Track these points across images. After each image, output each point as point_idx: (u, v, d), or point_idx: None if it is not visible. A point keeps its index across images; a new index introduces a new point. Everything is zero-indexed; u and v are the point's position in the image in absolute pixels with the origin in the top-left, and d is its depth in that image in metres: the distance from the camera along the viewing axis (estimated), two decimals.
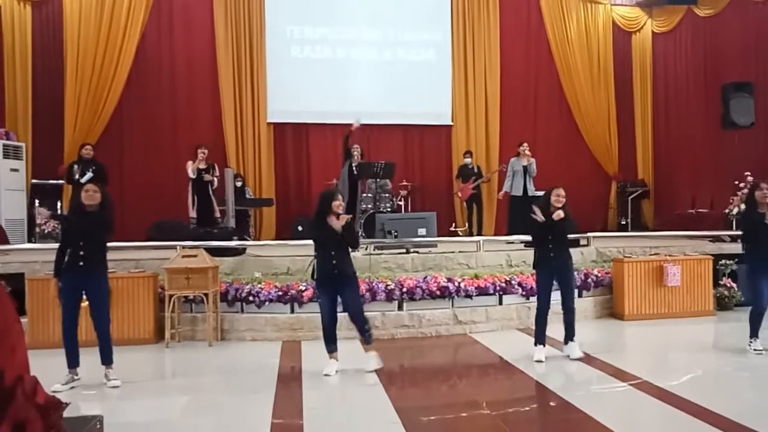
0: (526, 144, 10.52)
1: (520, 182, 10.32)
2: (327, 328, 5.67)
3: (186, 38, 12.13)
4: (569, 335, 6.06)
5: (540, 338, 6.03)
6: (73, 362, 5.27)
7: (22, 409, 1.37)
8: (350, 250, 5.86)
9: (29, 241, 10.03)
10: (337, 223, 5.52)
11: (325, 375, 5.54)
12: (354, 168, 10.02)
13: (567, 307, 6.03)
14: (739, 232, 6.49)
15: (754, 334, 6.10)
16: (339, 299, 5.68)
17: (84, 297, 5.33)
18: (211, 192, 9.27)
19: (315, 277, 5.71)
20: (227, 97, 12.07)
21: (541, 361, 5.87)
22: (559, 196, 5.98)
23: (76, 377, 5.28)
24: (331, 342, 5.69)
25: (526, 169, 10.36)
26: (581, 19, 13.53)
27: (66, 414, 1.69)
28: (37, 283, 6.74)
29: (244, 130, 12.19)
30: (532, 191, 10.42)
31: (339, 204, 5.60)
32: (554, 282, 6.05)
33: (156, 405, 5.04)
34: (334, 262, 5.56)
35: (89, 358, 5.35)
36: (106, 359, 5.34)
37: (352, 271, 5.74)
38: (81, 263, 5.23)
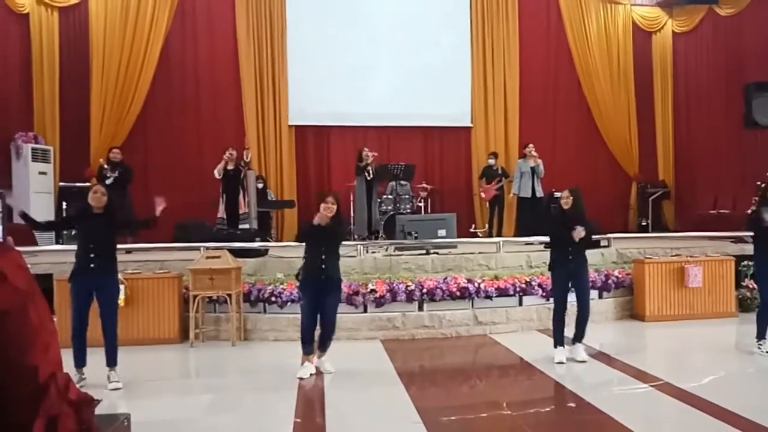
0: (531, 145, 10.52)
1: (529, 183, 10.31)
2: (307, 330, 5.66)
3: (208, 42, 12.28)
4: (578, 337, 6.05)
5: (559, 340, 6.03)
6: (80, 362, 5.32)
7: (55, 404, 1.42)
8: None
9: (57, 242, 10.19)
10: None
11: (300, 378, 5.49)
12: (368, 173, 10.03)
13: (581, 309, 6.04)
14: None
15: (761, 335, 6.08)
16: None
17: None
18: (240, 188, 9.40)
19: (300, 278, 5.74)
20: (249, 100, 12.20)
21: (562, 363, 5.87)
22: (562, 199, 6.01)
23: (83, 376, 5.33)
24: (309, 344, 5.68)
25: (534, 170, 10.35)
26: (601, 19, 13.46)
27: (95, 411, 1.75)
28: (65, 283, 6.80)
29: (265, 133, 12.31)
30: (540, 193, 10.42)
31: (326, 206, 5.64)
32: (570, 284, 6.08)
33: (181, 403, 5.14)
34: (323, 266, 5.59)
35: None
36: (111, 361, 5.38)
37: (338, 277, 5.78)
38: (92, 265, 5.28)
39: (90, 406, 1.64)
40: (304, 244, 5.80)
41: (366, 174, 10.00)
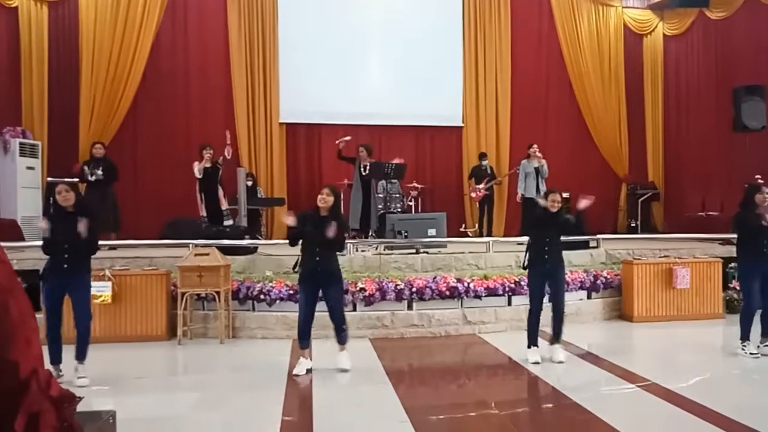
0: (536, 146, 10.50)
1: (533, 184, 10.31)
2: (303, 324, 5.66)
3: (199, 38, 12.22)
4: (555, 337, 6.05)
5: (533, 340, 6.04)
6: (56, 359, 5.31)
7: (36, 400, 1.41)
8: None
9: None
10: (289, 219, 5.62)
11: (295, 375, 5.51)
12: (363, 168, 10.00)
13: (557, 309, 6.03)
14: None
15: (745, 336, 6.12)
16: (321, 297, 5.70)
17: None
18: (218, 185, 9.33)
19: (298, 273, 5.75)
20: (240, 97, 12.15)
21: (537, 363, 5.87)
22: (554, 202, 5.99)
23: (61, 373, 5.30)
24: (304, 338, 5.69)
25: (538, 170, 10.36)
26: (592, 21, 13.52)
27: (79, 409, 1.74)
28: None
29: (256, 130, 12.27)
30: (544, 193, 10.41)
31: (321, 198, 5.63)
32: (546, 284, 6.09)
33: (168, 401, 5.12)
34: (317, 259, 5.59)
35: (100, 354, 5.41)
36: (80, 355, 5.34)
37: (336, 268, 5.76)
38: (65, 265, 5.27)
39: (72, 403, 1.62)
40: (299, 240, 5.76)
41: (362, 169, 9.97)
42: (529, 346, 6.03)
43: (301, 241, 5.73)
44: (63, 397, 1.54)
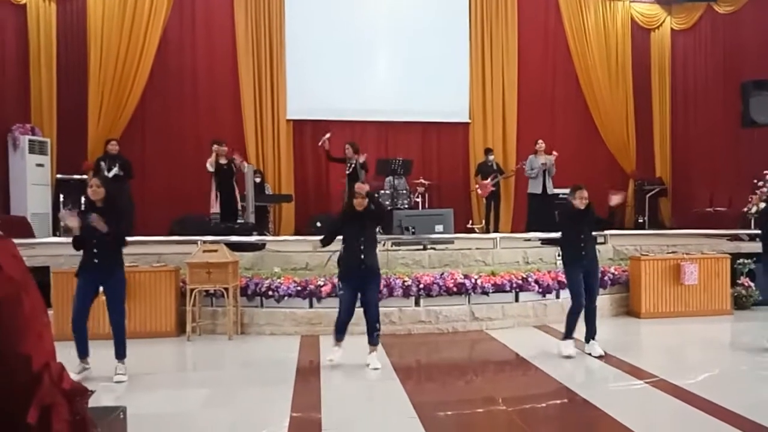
0: (541, 141, 10.47)
1: (539, 180, 10.29)
2: (343, 321, 5.73)
3: (207, 35, 12.24)
4: (591, 334, 6.09)
5: (571, 333, 6.06)
6: (83, 352, 5.34)
7: (49, 393, 1.42)
8: (378, 226, 5.91)
9: (54, 235, 10.19)
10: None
11: (329, 360, 5.65)
12: (348, 166, 10.02)
13: (591, 305, 6.07)
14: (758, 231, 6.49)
15: None
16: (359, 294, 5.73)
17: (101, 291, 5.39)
18: (234, 184, 9.39)
19: (340, 270, 5.77)
20: (247, 94, 12.17)
21: (571, 356, 5.91)
22: (582, 198, 6.00)
23: (87, 366, 5.36)
24: (341, 333, 5.77)
25: (544, 166, 10.33)
26: (600, 16, 13.46)
27: (90, 404, 1.77)
28: (62, 276, 6.87)
29: (263, 127, 12.29)
30: (551, 189, 10.40)
31: (358, 201, 5.67)
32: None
33: (177, 397, 5.15)
34: (362, 256, 5.61)
35: (110, 350, 5.42)
36: (119, 354, 5.39)
37: (377, 264, 5.81)
38: (96, 260, 5.28)
39: (84, 396, 1.64)
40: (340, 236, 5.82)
41: (348, 167, 10.01)
42: (564, 338, 6.06)
43: (342, 239, 5.76)
44: (75, 390, 1.56)
